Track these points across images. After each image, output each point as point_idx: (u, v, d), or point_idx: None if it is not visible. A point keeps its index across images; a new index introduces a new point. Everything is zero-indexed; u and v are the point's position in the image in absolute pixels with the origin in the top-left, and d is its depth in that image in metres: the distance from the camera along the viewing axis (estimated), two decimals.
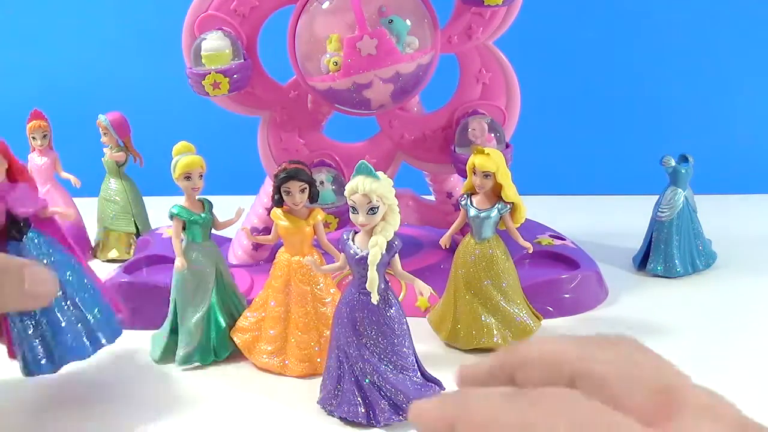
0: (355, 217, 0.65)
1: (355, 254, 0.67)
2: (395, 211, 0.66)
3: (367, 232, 0.66)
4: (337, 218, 0.93)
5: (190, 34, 0.93)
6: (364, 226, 0.66)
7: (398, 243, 0.67)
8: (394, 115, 0.98)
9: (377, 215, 0.65)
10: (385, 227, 0.65)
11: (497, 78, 0.98)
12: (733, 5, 1.48)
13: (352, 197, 0.65)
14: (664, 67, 1.51)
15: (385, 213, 0.66)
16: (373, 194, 0.64)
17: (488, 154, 0.79)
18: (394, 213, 0.66)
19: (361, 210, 0.64)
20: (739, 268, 1.07)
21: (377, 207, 0.64)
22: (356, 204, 0.65)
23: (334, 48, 0.88)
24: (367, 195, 0.64)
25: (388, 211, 0.66)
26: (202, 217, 0.81)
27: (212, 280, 0.82)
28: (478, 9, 0.93)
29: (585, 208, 1.42)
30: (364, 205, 0.64)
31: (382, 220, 0.66)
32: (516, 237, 0.82)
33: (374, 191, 0.63)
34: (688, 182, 1.04)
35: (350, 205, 0.65)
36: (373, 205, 0.64)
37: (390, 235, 0.66)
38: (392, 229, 0.66)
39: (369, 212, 0.64)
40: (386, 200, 0.65)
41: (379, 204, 0.64)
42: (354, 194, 0.64)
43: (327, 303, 0.79)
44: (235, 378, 0.79)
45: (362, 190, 0.64)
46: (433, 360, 0.82)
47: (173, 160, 0.80)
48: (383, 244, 0.65)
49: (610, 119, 1.54)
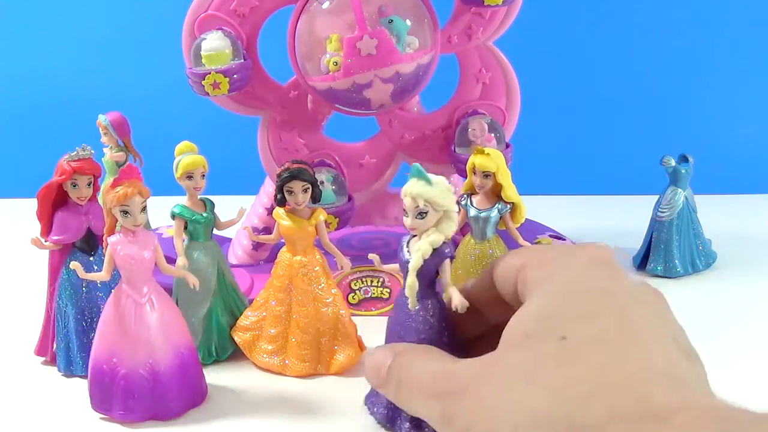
0: (405, 219, 0.64)
1: (403, 257, 0.65)
2: (451, 219, 0.63)
3: (420, 236, 0.64)
4: (337, 218, 0.93)
5: (190, 34, 0.93)
6: (413, 230, 0.64)
7: (449, 251, 0.64)
8: (394, 115, 0.99)
9: (426, 220, 0.62)
10: (433, 233, 0.63)
11: (497, 78, 0.98)
12: (733, 5, 1.48)
13: (403, 199, 0.63)
14: (664, 67, 1.51)
15: (440, 219, 0.63)
16: (421, 198, 0.61)
17: (488, 154, 0.79)
18: (450, 220, 0.63)
19: (410, 213, 0.63)
20: (739, 268, 1.07)
21: (426, 212, 0.62)
22: (406, 207, 0.63)
23: (334, 48, 0.88)
24: (415, 199, 0.62)
25: (443, 217, 0.63)
26: (204, 216, 0.81)
27: (214, 280, 0.82)
28: (478, 9, 0.93)
29: (585, 208, 1.42)
30: (413, 208, 0.62)
31: (434, 227, 0.63)
32: (516, 237, 0.83)
33: (422, 195, 0.61)
34: (688, 182, 1.04)
35: (403, 207, 0.64)
36: (421, 210, 0.62)
37: (438, 242, 0.63)
38: (442, 237, 0.63)
39: (417, 216, 0.62)
40: (438, 207, 0.62)
41: (428, 209, 0.62)
42: (404, 197, 0.63)
43: (328, 303, 0.79)
44: (235, 377, 0.79)
45: (410, 193, 0.62)
46: None
47: (175, 159, 0.80)
48: (427, 250, 0.62)
49: (610, 119, 1.54)
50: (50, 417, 0.71)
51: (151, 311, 0.69)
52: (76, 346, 0.78)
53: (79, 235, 0.77)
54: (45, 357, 0.82)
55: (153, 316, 0.69)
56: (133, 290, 0.69)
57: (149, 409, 0.69)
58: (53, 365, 0.80)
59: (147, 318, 0.69)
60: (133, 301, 0.69)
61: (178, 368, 0.71)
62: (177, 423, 0.70)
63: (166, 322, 0.70)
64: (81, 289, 0.78)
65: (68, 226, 0.77)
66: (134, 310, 0.69)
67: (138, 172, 0.69)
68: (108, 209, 0.68)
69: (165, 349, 0.70)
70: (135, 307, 0.69)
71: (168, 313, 0.71)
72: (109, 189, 0.68)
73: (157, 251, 0.71)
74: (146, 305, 0.69)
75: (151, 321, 0.69)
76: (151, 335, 0.69)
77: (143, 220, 0.69)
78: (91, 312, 0.78)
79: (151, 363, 0.69)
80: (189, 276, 0.75)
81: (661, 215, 1.05)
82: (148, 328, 0.69)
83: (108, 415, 0.70)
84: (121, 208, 0.67)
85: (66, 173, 0.75)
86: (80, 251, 0.78)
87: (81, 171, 0.75)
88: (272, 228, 0.82)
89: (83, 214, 0.77)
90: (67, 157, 0.75)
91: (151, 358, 0.69)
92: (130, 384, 0.68)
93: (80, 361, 0.78)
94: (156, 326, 0.69)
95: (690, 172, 1.04)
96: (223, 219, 0.83)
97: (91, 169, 0.76)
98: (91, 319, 0.78)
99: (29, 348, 0.83)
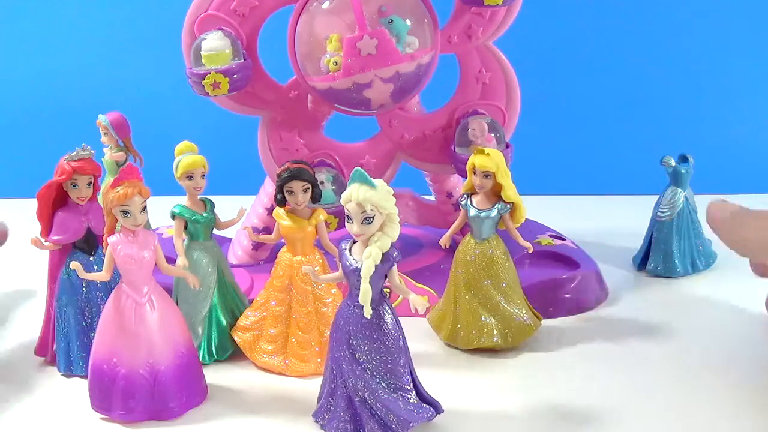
0: (350, 226, 0.62)
1: (350, 265, 0.64)
2: (394, 222, 0.62)
3: (363, 242, 0.63)
4: (338, 218, 0.93)
5: (190, 34, 0.93)
6: (359, 236, 0.62)
7: (397, 255, 0.63)
8: (394, 115, 0.99)
9: (373, 225, 0.61)
10: (381, 238, 0.62)
11: (497, 78, 0.98)
12: (733, 5, 1.48)
13: (346, 206, 0.61)
14: (664, 67, 1.51)
15: (383, 223, 0.62)
16: (368, 203, 0.60)
17: (488, 154, 0.79)
18: (393, 223, 0.62)
19: (356, 219, 0.61)
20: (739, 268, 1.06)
21: (372, 216, 0.61)
22: (350, 213, 0.61)
23: (334, 48, 0.88)
24: (361, 204, 0.60)
25: (386, 221, 0.62)
26: (204, 216, 0.81)
27: (214, 280, 0.82)
28: (478, 9, 0.93)
29: (585, 208, 1.42)
30: (359, 214, 0.60)
31: (379, 230, 0.62)
32: (516, 237, 0.83)
33: (368, 200, 0.60)
34: (688, 182, 1.04)
35: (346, 213, 0.62)
36: (368, 215, 0.60)
37: (386, 246, 0.62)
38: (389, 240, 0.62)
39: (364, 222, 0.61)
40: (383, 210, 0.61)
41: (374, 213, 0.60)
42: (348, 203, 0.61)
43: (328, 303, 0.79)
44: (235, 377, 0.79)
45: (356, 198, 0.60)
46: (433, 360, 0.82)
47: (176, 159, 0.80)
48: (378, 255, 0.61)
49: (610, 119, 1.54)
50: (50, 417, 0.71)
51: (151, 311, 0.69)
52: (76, 346, 0.79)
53: (79, 235, 0.77)
54: (45, 357, 0.82)
55: (153, 316, 0.69)
56: (133, 290, 0.69)
57: (149, 409, 0.69)
58: (53, 365, 0.81)
59: (147, 318, 0.69)
60: (133, 301, 0.69)
61: (178, 368, 0.71)
62: (177, 423, 0.70)
63: (166, 322, 0.70)
64: (81, 289, 0.78)
65: (68, 226, 0.77)
66: (134, 310, 0.69)
67: (138, 172, 0.69)
68: (108, 209, 0.68)
69: (165, 349, 0.70)
70: (135, 307, 0.69)
71: (168, 313, 0.71)
72: (109, 189, 0.68)
73: (157, 251, 0.71)
74: (146, 305, 0.69)
75: (151, 321, 0.69)
76: (151, 335, 0.69)
77: (143, 220, 0.69)
78: (91, 312, 0.78)
79: (151, 363, 0.69)
80: (189, 276, 0.75)
81: (661, 215, 1.05)
82: (148, 328, 0.69)
83: (108, 415, 0.70)
84: (121, 208, 0.67)
85: (66, 173, 0.75)
86: (80, 251, 0.78)
87: (81, 171, 0.75)
88: (272, 228, 0.82)
89: (83, 214, 0.77)
90: (67, 157, 0.75)
91: (151, 358, 0.69)
92: (130, 384, 0.68)
93: (80, 361, 0.78)
94: (156, 326, 0.69)
95: (690, 172, 1.04)
96: (223, 219, 0.83)
97: (91, 169, 0.76)
98: (91, 319, 0.78)
99: (29, 348, 0.83)
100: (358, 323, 0.64)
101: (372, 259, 0.61)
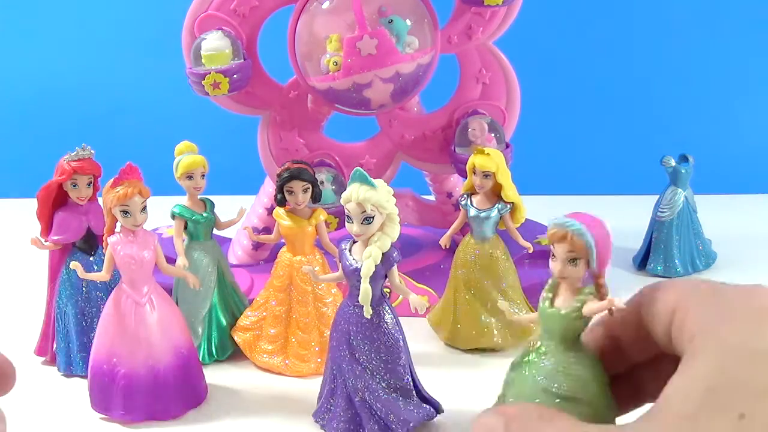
0: (350, 226, 0.62)
1: (350, 265, 0.64)
2: (394, 221, 0.62)
3: (363, 242, 0.63)
4: (338, 218, 0.93)
5: (190, 34, 0.93)
6: (359, 236, 0.62)
7: (397, 255, 0.63)
8: (394, 115, 0.99)
9: (373, 225, 0.61)
10: (381, 238, 0.62)
11: (497, 78, 0.98)
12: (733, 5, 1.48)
13: (346, 206, 0.61)
14: (664, 67, 1.51)
15: (383, 223, 0.62)
16: (368, 203, 0.60)
17: (488, 154, 0.79)
18: (393, 223, 0.62)
19: (356, 219, 0.61)
20: (739, 268, 1.07)
21: (372, 216, 0.60)
22: (350, 213, 0.61)
23: (334, 48, 0.88)
24: (362, 204, 0.60)
25: (386, 220, 0.62)
26: (204, 216, 0.81)
27: (214, 279, 0.82)
28: (478, 9, 0.93)
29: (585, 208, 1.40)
30: (359, 214, 0.60)
31: (379, 231, 0.62)
32: (516, 237, 0.83)
33: (368, 200, 0.60)
34: (688, 182, 1.04)
35: (346, 213, 0.62)
36: (368, 215, 0.60)
37: (386, 246, 0.62)
38: (389, 240, 0.62)
39: (364, 222, 0.61)
40: (383, 209, 0.61)
41: (374, 213, 0.60)
42: (348, 203, 0.61)
43: (328, 303, 0.79)
44: (235, 377, 0.79)
45: (356, 198, 0.60)
46: (433, 360, 0.82)
47: (176, 159, 0.80)
48: (378, 255, 0.61)
49: (610, 119, 1.54)
50: (50, 417, 0.71)
51: (151, 311, 0.69)
52: (76, 346, 0.79)
53: (79, 235, 0.77)
54: (45, 357, 0.82)
55: (153, 316, 0.69)
56: (133, 290, 0.69)
57: (149, 409, 0.69)
58: (53, 365, 0.81)
59: (147, 318, 0.69)
60: (133, 301, 0.69)
61: (178, 368, 0.71)
62: (177, 423, 0.70)
63: (166, 322, 0.70)
64: (81, 289, 0.78)
65: (68, 226, 0.77)
66: (134, 310, 0.69)
67: (138, 172, 0.69)
68: (108, 209, 0.68)
69: (165, 349, 0.70)
70: (135, 307, 0.69)
71: (168, 313, 0.71)
72: (109, 189, 0.68)
73: (157, 251, 0.71)
74: (146, 305, 0.69)
75: (151, 321, 0.69)
76: (151, 335, 0.69)
77: (143, 220, 0.69)
78: (91, 312, 0.78)
79: (151, 363, 0.69)
80: (189, 276, 0.75)
81: (661, 215, 1.05)
82: (148, 328, 0.69)
83: (108, 415, 0.70)
84: (121, 208, 0.67)
85: (66, 173, 0.75)
86: (80, 251, 0.78)
87: (81, 171, 0.75)
88: (272, 228, 0.82)
89: (83, 214, 0.77)
90: (67, 157, 0.75)
91: (151, 358, 0.69)
92: (130, 384, 0.69)
93: (80, 361, 0.78)
94: (156, 326, 0.69)
95: (690, 172, 1.04)
96: (223, 219, 0.83)
97: (91, 169, 0.76)
98: (91, 319, 0.78)
99: (29, 348, 0.83)
100: (358, 323, 0.64)
101: (372, 259, 0.61)
